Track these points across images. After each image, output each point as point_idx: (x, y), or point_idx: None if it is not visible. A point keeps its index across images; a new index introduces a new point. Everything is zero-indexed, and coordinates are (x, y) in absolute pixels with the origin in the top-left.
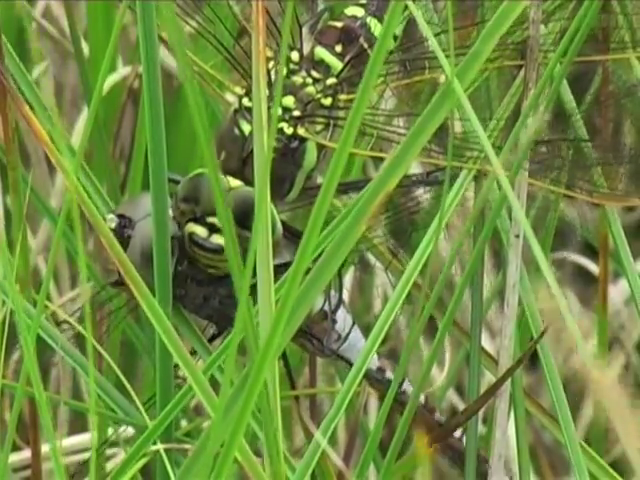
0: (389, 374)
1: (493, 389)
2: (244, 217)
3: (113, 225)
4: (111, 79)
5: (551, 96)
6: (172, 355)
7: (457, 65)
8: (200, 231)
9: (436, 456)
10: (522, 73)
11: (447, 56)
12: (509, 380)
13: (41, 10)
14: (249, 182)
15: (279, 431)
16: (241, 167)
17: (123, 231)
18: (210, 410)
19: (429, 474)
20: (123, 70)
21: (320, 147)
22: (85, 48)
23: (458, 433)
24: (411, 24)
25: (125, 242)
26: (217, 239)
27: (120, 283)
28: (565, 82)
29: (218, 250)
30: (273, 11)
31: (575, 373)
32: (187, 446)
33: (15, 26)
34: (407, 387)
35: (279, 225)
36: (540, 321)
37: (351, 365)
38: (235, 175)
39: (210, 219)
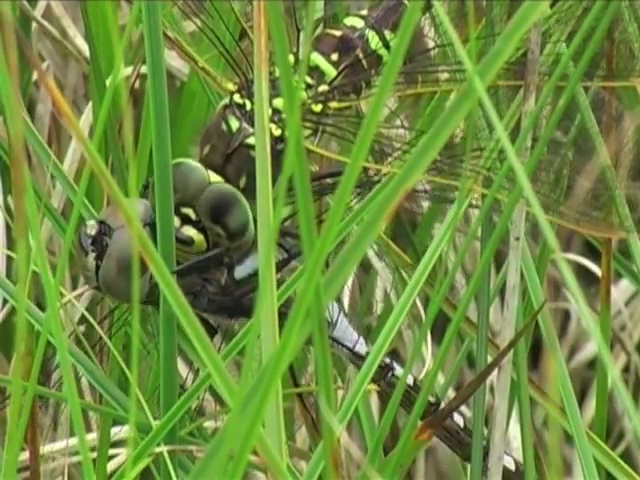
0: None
1: (488, 370)
2: (218, 213)
3: (93, 232)
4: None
5: (554, 118)
6: (176, 355)
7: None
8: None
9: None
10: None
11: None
12: (509, 382)
13: (41, 10)
14: (230, 179)
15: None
16: (224, 163)
17: (102, 239)
18: (229, 398)
19: None
20: (124, 70)
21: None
22: (85, 48)
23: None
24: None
25: (102, 250)
26: (188, 230)
27: (99, 288)
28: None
29: (188, 242)
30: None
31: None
32: (191, 447)
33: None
34: (398, 370)
35: (252, 226)
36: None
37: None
38: (216, 171)
39: (184, 210)
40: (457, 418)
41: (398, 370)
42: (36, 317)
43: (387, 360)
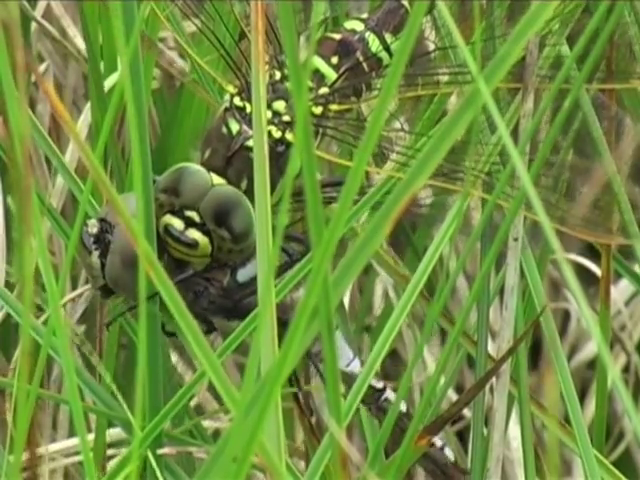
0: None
1: (488, 377)
2: (222, 216)
3: (95, 230)
4: (111, 79)
5: (558, 123)
6: (160, 357)
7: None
8: (177, 224)
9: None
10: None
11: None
12: (507, 382)
13: (41, 10)
14: (231, 182)
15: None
16: (224, 166)
17: (104, 236)
18: (228, 402)
19: None
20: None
21: None
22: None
23: (439, 442)
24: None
25: (106, 248)
26: (192, 233)
27: (106, 288)
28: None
29: (192, 245)
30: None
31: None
32: (191, 448)
33: None
34: (389, 395)
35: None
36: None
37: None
38: (217, 174)
39: (188, 213)
40: (448, 452)
41: (391, 395)
42: (37, 318)
43: (380, 385)
